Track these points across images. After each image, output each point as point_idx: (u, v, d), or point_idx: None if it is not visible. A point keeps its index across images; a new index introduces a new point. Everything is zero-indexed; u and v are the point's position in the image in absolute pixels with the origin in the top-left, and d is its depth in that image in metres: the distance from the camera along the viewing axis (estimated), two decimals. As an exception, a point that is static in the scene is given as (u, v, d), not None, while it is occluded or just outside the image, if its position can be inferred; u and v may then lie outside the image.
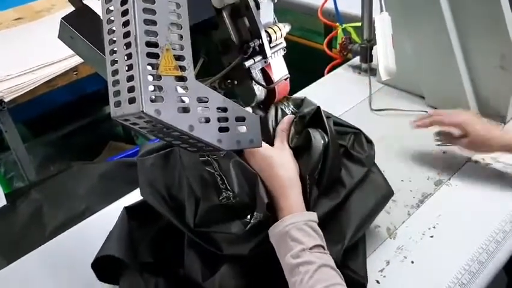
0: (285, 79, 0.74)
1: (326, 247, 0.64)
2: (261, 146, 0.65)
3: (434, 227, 0.84)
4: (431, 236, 0.82)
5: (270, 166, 0.69)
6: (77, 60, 1.62)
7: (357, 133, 0.82)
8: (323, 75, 1.42)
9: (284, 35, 0.71)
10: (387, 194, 0.79)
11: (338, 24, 1.52)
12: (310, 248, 0.62)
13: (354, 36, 1.45)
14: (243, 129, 0.61)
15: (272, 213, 0.68)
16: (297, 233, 0.63)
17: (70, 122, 2.28)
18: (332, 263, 0.63)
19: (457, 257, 0.78)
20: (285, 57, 0.76)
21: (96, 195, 1.14)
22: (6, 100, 1.49)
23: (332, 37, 1.58)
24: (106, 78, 0.54)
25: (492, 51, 1.00)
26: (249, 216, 0.68)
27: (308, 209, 0.69)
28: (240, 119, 0.62)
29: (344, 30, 1.50)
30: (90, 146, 2.26)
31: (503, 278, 1.11)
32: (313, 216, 0.67)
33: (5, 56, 1.67)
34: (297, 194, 0.68)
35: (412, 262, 0.78)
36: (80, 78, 1.66)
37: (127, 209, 0.79)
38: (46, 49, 1.66)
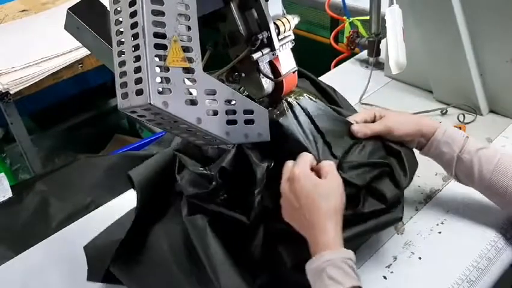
0: (293, 72, 0.73)
1: None
2: (269, 140, 0.64)
3: (442, 223, 0.83)
4: (439, 232, 0.81)
5: (312, 197, 0.64)
6: (82, 52, 1.62)
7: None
8: (329, 69, 1.40)
9: (293, 27, 0.70)
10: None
11: (345, 17, 1.51)
12: None
13: (361, 29, 1.44)
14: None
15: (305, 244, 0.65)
16: (335, 271, 0.60)
17: (76, 114, 2.28)
18: None
19: (465, 254, 0.77)
20: (291, 51, 0.75)
21: (102, 188, 1.14)
22: (11, 92, 1.49)
23: (339, 31, 1.56)
24: (113, 70, 0.53)
25: (503, 45, 0.98)
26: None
27: None
28: (249, 112, 0.62)
29: (351, 23, 1.49)
30: (95, 139, 2.26)
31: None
32: (350, 254, 0.63)
33: (11, 48, 1.68)
34: (335, 227, 0.64)
35: (420, 258, 0.77)
36: (85, 71, 1.66)
37: None
38: (51, 41, 1.66)
